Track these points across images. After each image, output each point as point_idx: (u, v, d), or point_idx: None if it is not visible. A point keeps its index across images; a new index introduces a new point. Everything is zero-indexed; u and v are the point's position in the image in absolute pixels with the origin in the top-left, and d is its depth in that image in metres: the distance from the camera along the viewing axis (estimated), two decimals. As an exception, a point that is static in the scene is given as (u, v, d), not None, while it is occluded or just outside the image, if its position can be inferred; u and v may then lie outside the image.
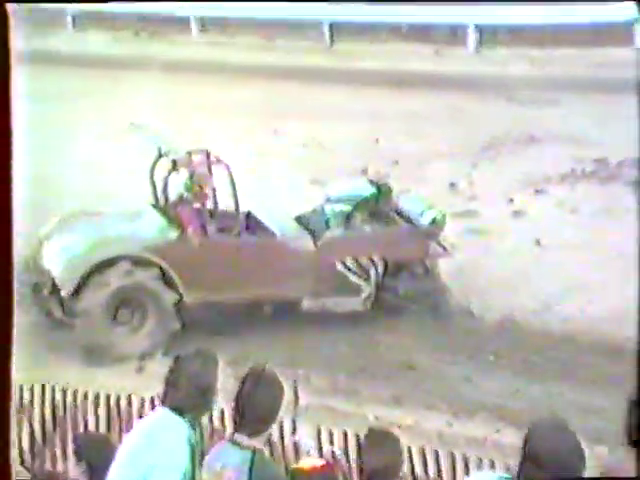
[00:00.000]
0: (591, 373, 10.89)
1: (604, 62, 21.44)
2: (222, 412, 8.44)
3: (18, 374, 9.81)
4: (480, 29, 24.11)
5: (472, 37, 24.19)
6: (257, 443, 5.28)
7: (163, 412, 5.41)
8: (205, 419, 7.91)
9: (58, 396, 8.86)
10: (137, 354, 11.45)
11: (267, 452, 5.71)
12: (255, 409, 5.29)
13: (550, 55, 22.21)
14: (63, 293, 11.67)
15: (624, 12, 22.66)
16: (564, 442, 4.58)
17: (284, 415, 7.83)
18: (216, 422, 8.34)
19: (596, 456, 8.75)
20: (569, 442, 4.57)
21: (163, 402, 5.46)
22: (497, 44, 23.82)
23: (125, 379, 10.45)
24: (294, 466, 5.40)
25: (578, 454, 4.55)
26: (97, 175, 15.89)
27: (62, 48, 24.93)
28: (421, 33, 24.40)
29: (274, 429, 7.77)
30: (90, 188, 15.14)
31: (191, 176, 12.00)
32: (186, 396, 5.34)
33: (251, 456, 5.18)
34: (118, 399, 8.85)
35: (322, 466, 5.34)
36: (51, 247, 12.04)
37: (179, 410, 5.33)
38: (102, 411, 7.85)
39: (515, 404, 10.38)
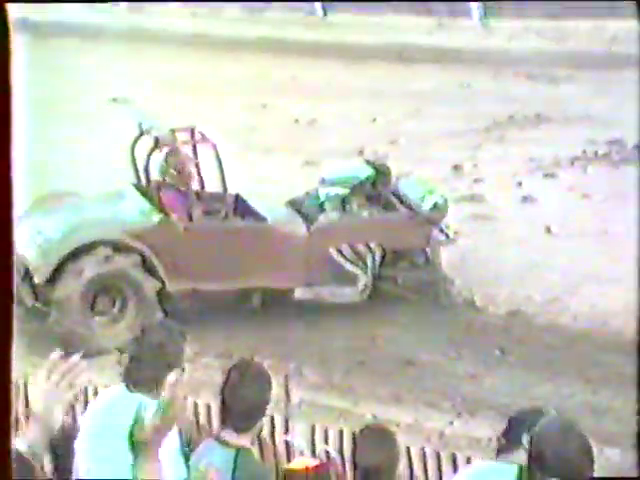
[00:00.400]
0: (603, 371, 10.90)
1: (622, 36, 21.42)
2: (208, 407, 8.47)
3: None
4: (484, -1, 24.11)
5: (475, 7, 24.18)
6: (244, 440, 5.30)
7: (118, 390, 5.47)
8: (190, 415, 7.99)
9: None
10: (117, 345, 11.43)
11: (257, 451, 5.72)
12: (241, 403, 5.30)
13: (562, 28, 22.19)
14: (37, 280, 11.62)
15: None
16: (571, 443, 4.62)
17: (275, 412, 7.88)
18: (202, 419, 8.34)
19: (606, 459, 8.83)
20: (576, 443, 4.61)
21: (125, 378, 5.47)
22: (504, 15, 23.80)
23: (104, 372, 10.44)
24: (286, 466, 5.40)
25: (586, 456, 4.59)
26: (74, 154, 15.89)
27: (35, 17, 24.87)
28: (421, 4, 24.38)
29: (265, 427, 7.82)
30: (67, 167, 15.15)
31: (170, 154, 11.98)
32: (151, 369, 5.37)
33: (234, 455, 5.21)
34: (96, 393, 8.87)
35: (315, 466, 5.36)
36: (24, 230, 11.96)
37: (142, 385, 5.35)
38: (80, 406, 7.82)
39: (522, 403, 10.38)
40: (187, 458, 5.35)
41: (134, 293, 11.68)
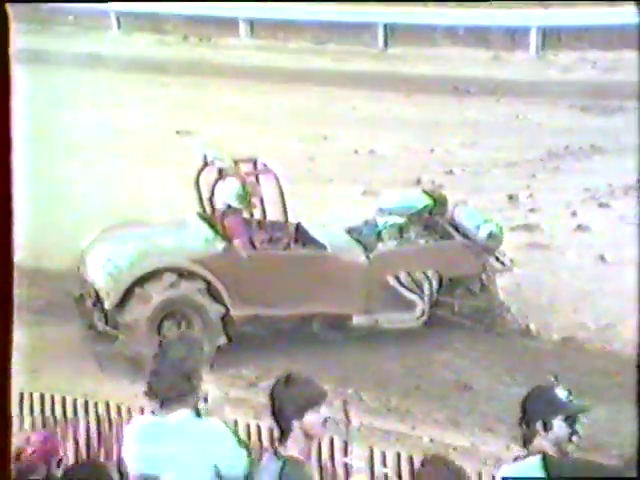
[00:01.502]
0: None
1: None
2: (271, 430, 8.50)
3: (62, 386, 9.99)
4: (543, 31, 24.06)
5: (534, 40, 24.14)
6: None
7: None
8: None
9: (101, 410, 8.94)
10: (182, 369, 11.46)
11: (317, 473, 5.73)
12: (283, 406, 5.28)
13: (616, 59, 22.11)
14: (107, 305, 11.74)
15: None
16: None
17: (335, 435, 7.91)
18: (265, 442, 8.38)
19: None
20: None
21: (148, 392, 5.49)
22: (560, 47, 23.75)
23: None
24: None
25: None
26: (141, 184, 16.01)
27: (105, 50, 25.12)
28: (479, 36, 24.38)
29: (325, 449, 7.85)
30: (134, 197, 15.27)
31: (243, 186, 12.05)
32: (171, 382, 5.41)
33: (281, 465, 5.18)
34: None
35: None
36: (94, 258, 12.11)
37: (167, 398, 5.39)
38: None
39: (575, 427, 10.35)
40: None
41: (199, 318, 11.71)
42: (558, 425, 5.60)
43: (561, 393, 5.68)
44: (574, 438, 5.60)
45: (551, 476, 5.47)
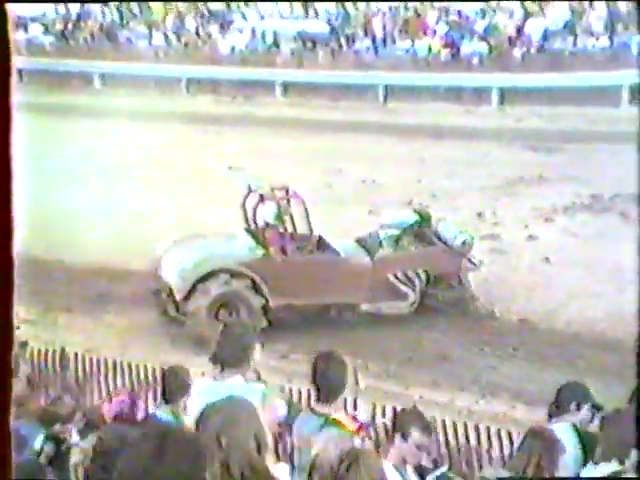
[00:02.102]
0: (590, 364, 10.75)
1: (598, 119, 21.36)
2: (299, 392, 8.45)
3: (145, 358, 9.97)
4: (501, 91, 24.04)
5: (495, 97, 24.10)
6: (331, 409, 5.18)
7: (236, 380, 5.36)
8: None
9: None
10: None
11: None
12: (328, 382, 5.23)
13: (557, 112, 22.08)
14: (177, 297, 11.73)
15: (616, 79, 22.55)
16: None
17: (347, 395, 7.85)
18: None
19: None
20: None
21: (213, 359, 5.43)
22: (515, 103, 23.73)
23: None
24: (334, 416, 5.22)
25: None
26: (203, 207, 16.02)
27: (177, 109, 25.19)
28: (454, 94, 24.37)
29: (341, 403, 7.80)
30: (198, 217, 15.28)
31: (279, 208, 12.03)
32: (231, 353, 5.35)
33: (323, 421, 5.09)
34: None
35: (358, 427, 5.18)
36: (168, 261, 12.11)
37: (227, 363, 5.33)
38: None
39: (529, 387, 10.29)
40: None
41: (245, 307, 11.68)
42: (586, 409, 5.74)
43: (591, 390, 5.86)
44: (592, 423, 5.68)
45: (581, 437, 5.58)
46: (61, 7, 31.06)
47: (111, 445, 4.91)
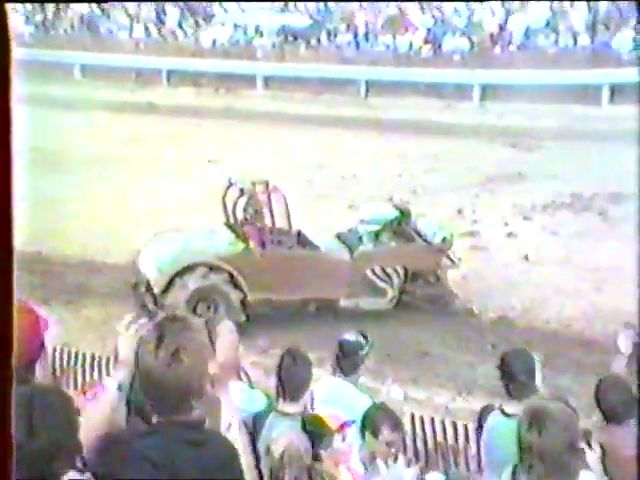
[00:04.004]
0: (568, 362, 10.78)
1: (579, 117, 21.45)
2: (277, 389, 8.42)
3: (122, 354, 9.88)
4: (483, 87, 24.11)
5: (476, 93, 24.16)
6: (298, 408, 5.16)
7: None
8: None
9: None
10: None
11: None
12: (293, 379, 5.20)
13: (538, 109, 22.14)
14: (155, 291, 11.66)
15: (597, 77, 22.67)
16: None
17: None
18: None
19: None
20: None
21: None
22: (496, 99, 23.80)
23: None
24: (315, 414, 5.19)
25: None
26: (181, 200, 15.97)
27: (157, 101, 25.13)
28: (435, 90, 24.41)
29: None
30: (175, 210, 15.23)
31: (249, 201, 12.00)
32: None
33: (301, 419, 5.02)
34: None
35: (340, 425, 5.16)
36: (146, 255, 12.04)
37: None
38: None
39: (506, 384, 10.29)
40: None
41: (224, 301, 11.62)
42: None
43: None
44: None
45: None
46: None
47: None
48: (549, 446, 3.65)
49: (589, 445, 4.58)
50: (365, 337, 6.11)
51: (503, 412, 5.23)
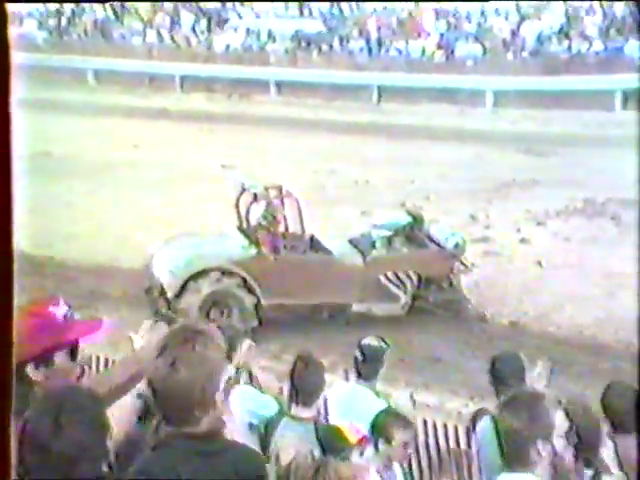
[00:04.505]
0: (581, 368, 10.73)
1: (592, 123, 21.40)
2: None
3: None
4: (496, 93, 24.08)
5: (489, 99, 24.13)
6: (311, 413, 5.17)
7: None
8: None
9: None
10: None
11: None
12: (305, 384, 5.21)
13: (551, 115, 22.11)
14: (169, 295, 11.64)
15: (610, 83, 22.62)
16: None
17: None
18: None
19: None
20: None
21: None
22: (509, 105, 23.76)
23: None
24: (333, 425, 5.16)
25: None
26: (196, 205, 15.98)
27: (170, 106, 25.17)
28: (448, 95, 24.39)
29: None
30: (190, 214, 15.24)
31: (267, 207, 12.01)
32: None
33: (314, 427, 5.05)
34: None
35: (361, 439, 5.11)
36: (160, 259, 12.05)
37: None
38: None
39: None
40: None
41: (237, 306, 11.61)
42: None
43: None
44: None
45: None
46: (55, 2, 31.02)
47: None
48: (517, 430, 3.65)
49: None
50: (385, 342, 6.09)
51: (493, 417, 5.14)
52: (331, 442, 4.89)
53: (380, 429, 5.14)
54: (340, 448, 4.82)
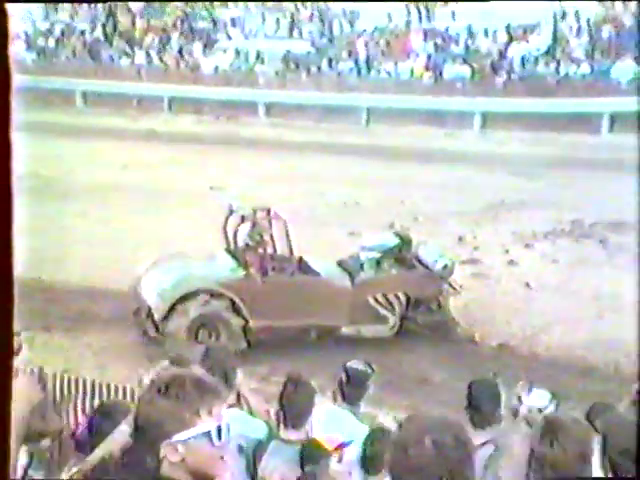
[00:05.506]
0: (569, 389, 10.71)
1: (579, 145, 21.51)
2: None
3: (123, 377, 9.88)
4: (484, 115, 24.19)
5: (477, 121, 24.24)
6: (299, 435, 5.16)
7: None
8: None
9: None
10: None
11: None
12: (294, 406, 5.21)
13: (539, 137, 22.21)
14: (156, 317, 11.68)
15: (597, 106, 22.76)
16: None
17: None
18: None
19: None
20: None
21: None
22: (497, 127, 23.86)
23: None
24: (311, 438, 5.16)
25: None
26: (183, 227, 15.97)
27: (159, 128, 25.20)
28: (436, 118, 24.48)
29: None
30: (177, 236, 15.22)
31: (252, 227, 12.03)
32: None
33: (300, 450, 5.02)
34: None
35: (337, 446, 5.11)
36: (147, 281, 12.05)
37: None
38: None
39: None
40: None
41: (225, 328, 11.65)
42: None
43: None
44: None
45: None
46: (45, 23, 31.06)
47: None
48: (560, 457, 3.58)
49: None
50: (371, 367, 6.09)
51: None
52: (310, 453, 4.90)
53: (372, 451, 5.15)
54: (319, 457, 4.83)
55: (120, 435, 3.39)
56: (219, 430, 2.90)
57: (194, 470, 2.90)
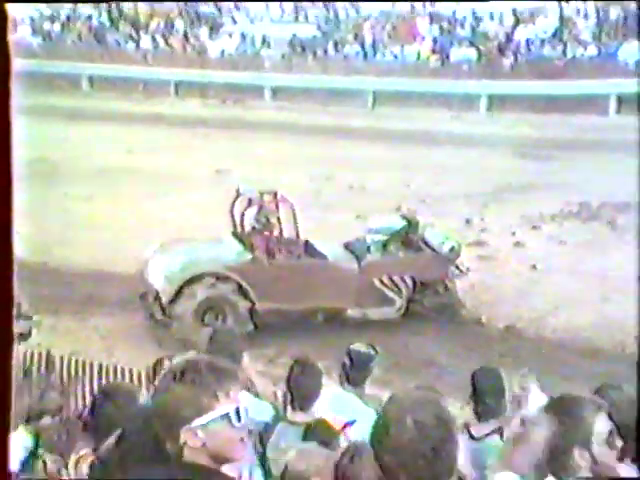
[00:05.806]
0: (576, 371, 10.75)
1: (586, 127, 21.45)
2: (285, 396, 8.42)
3: (131, 360, 9.93)
4: (490, 97, 24.14)
5: (484, 103, 24.19)
6: (307, 417, 5.18)
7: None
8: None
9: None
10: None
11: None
12: (302, 389, 5.24)
13: (546, 119, 22.17)
14: (163, 300, 11.69)
15: (604, 88, 22.69)
16: None
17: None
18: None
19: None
20: None
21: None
22: (504, 109, 23.81)
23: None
24: (318, 418, 5.18)
25: None
26: (190, 210, 16.01)
27: (165, 111, 25.20)
28: (443, 100, 24.44)
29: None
30: (185, 219, 15.26)
31: (259, 210, 12.04)
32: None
33: (304, 431, 5.06)
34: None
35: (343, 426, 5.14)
36: (154, 265, 12.06)
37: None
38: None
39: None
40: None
41: (232, 311, 11.66)
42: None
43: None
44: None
45: None
46: (50, 7, 31.03)
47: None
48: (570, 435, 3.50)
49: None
50: (375, 349, 6.11)
51: (470, 434, 5.12)
52: (318, 433, 4.93)
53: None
54: (327, 438, 4.86)
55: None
56: (238, 412, 2.90)
57: (215, 454, 2.91)
